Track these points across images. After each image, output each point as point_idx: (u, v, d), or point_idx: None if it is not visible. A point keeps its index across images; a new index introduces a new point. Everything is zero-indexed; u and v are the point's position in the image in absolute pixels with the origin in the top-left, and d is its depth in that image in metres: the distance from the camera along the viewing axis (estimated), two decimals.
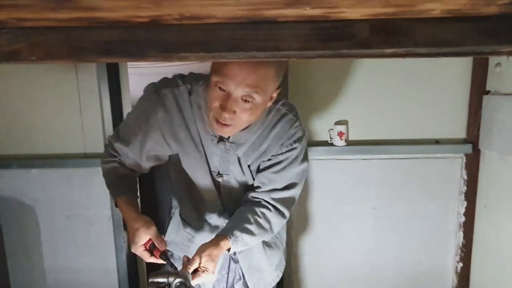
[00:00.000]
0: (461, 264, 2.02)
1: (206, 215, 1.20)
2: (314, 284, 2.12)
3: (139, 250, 0.95)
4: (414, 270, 2.08)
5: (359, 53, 0.54)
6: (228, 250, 1.01)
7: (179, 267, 0.96)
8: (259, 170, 1.12)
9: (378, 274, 2.09)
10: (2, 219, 1.89)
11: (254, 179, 1.14)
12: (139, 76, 2.57)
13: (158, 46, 0.62)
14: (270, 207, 1.09)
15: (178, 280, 0.65)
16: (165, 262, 0.93)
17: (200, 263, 0.89)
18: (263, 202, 1.09)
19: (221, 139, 1.06)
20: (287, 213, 1.12)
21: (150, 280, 0.66)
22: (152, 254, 0.95)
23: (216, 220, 1.19)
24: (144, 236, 0.95)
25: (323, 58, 0.59)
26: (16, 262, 2.10)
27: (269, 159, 1.10)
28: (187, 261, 0.91)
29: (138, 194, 1.17)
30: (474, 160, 1.90)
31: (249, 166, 1.12)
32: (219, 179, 1.12)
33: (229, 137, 1.05)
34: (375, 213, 2.03)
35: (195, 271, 0.88)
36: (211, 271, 0.91)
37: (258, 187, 1.12)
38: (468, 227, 1.98)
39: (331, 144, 1.95)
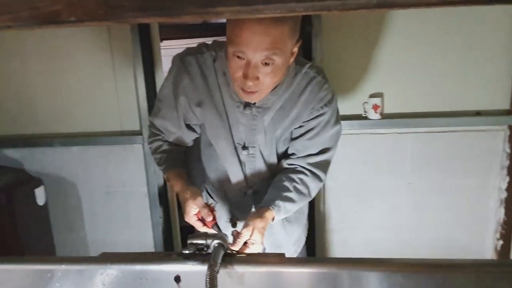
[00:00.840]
0: (501, 242, 1.95)
1: (229, 191, 1.20)
2: None
3: (192, 220, 0.97)
4: (450, 247, 2.02)
5: (405, 2, 0.51)
6: (272, 219, 1.03)
7: None
8: (292, 138, 1.12)
9: (412, 251, 2.05)
10: (47, 195, 1.99)
11: (278, 153, 1.14)
12: (171, 57, 2.60)
13: (195, 1, 0.61)
14: (306, 172, 1.09)
15: (216, 241, 0.66)
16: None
17: (249, 236, 0.92)
18: (299, 168, 1.09)
19: (247, 104, 1.05)
20: (323, 177, 1.13)
21: (189, 241, 0.67)
22: (204, 224, 0.98)
23: (238, 197, 1.19)
24: (193, 204, 0.97)
25: (365, 11, 0.56)
26: (61, 236, 2.22)
27: (300, 126, 1.09)
28: (237, 235, 0.93)
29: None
30: None
31: (277, 135, 1.11)
32: (244, 152, 1.11)
33: (255, 102, 1.05)
34: (410, 188, 1.98)
35: (244, 243, 0.91)
36: (259, 242, 0.93)
37: (292, 154, 1.12)
38: (510, 203, 1.89)
39: (365, 118, 1.90)
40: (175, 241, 2.30)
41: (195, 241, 0.67)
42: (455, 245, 2.02)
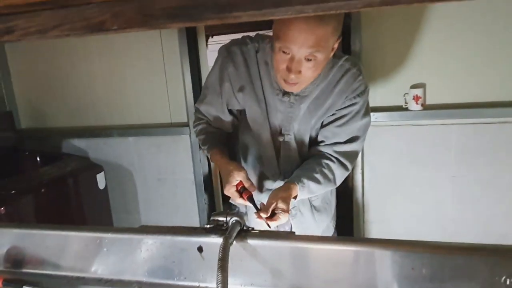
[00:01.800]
0: None
1: (261, 178, 1.28)
2: None
3: (231, 190, 1.06)
4: (498, 242, 1.93)
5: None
6: (295, 197, 1.10)
7: None
8: (322, 126, 1.18)
9: None
10: (107, 180, 2.22)
11: (309, 142, 1.20)
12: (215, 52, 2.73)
13: (214, 8, 0.71)
14: (333, 159, 1.15)
15: (234, 218, 0.74)
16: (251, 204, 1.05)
17: (275, 206, 1.00)
18: (327, 155, 1.15)
19: (286, 92, 1.12)
20: (349, 166, 1.17)
21: (211, 218, 0.76)
22: (241, 196, 1.08)
23: (271, 184, 1.26)
24: (237, 176, 1.06)
25: (370, 9, 0.61)
26: (118, 217, 2.46)
27: (333, 114, 1.15)
28: (264, 205, 1.03)
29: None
30: None
31: (311, 124, 1.17)
32: (280, 139, 1.18)
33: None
34: (454, 181, 1.92)
35: (272, 215, 1.00)
36: (286, 210, 1.01)
37: (321, 141, 1.18)
38: None
39: (406, 109, 1.88)
40: None
41: (216, 218, 0.76)
42: (503, 242, 1.93)
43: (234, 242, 0.71)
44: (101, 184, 2.13)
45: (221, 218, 0.76)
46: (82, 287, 0.79)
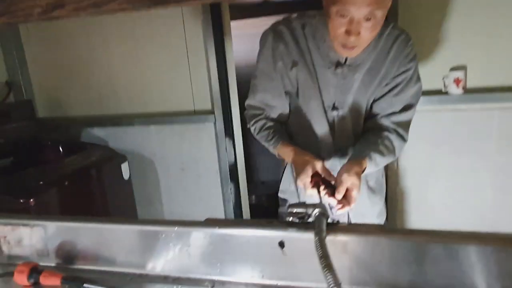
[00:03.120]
0: None
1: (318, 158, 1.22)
2: None
3: (306, 180, 0.99)
4: None
5: None
6: (363, 171, 1.05)
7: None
8: (377, 98, 1.15)
9: None
10: (130, 170, 2.16)
11: (364, 116, 1.17)
12: (239, 37, 2.63)
13: None
14: (391, 130, 1.12)
15: (317, 210, 0.67)
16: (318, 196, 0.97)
17: (349, 184, 0.94)
18: (384, 127, 1.13)
19: (338, 64, 1.08)
20: (406, 136, 1.15)
21: (289, 210, 0.69)
22: (314, 187, 0.99)
23: (326, 162, 1.20)
24: (316, 165, 0.99)
25: None
26: (143, 208, 2.40)
27: (386, 84, 1.12)
28: (336, 182, 0.96)
29: None
30: None
31: (366, 97, 1.14)
32: (334, 113, 1.14)
33: (345, 61, 1.08)
34: (495, 168, 1.85)
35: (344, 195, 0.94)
36: (358, 187, 0.96)
37: (377, 114, 1.15)
38: None
39: (446, 93, 1.79)
40: (245, 217, 2.39)
41: (296, 210, 0.69)
42: None
43: None
44: (126, 174, 2.07)
45: (301, 210, 0.69)
46: (147, 285, 0.73)
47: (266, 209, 3.10)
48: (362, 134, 1.18)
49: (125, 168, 2.05)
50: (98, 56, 2.27)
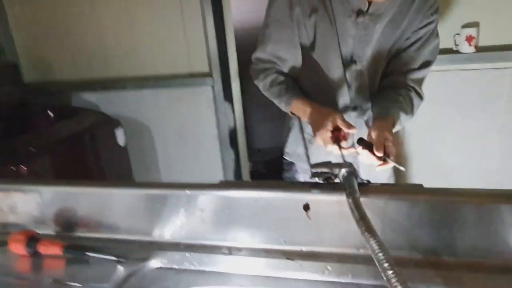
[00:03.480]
0: None
1: None
2: None
3: (326, 135, 0.91)
4: None
5: None
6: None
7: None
8: (396, 53, 1.08)
9: None
10: (125, 137, 2.07)
11: (383, 71, 1.10)
12: None
13: None
14: (410, 88, 1.07)
15: (345, 169, 0.60)
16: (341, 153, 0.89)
17: (387, 141, 0.87)
18: (403, 84, 1.07)
19: (359, 12, 0.99)
20: (423, 95, 1.10)
21: (313, 170, 0.62)
22: (335, 142, 0.92)
23: None
24: (336, 117, 0.91)
25: None
26: (139, 177, 2.32)
27: (407, 38, 1.05)
28: (371, 139, 0.88)
29: None
30: None
31: (386, 50, 1.06)
32: (352, 67, 1.06)
33: (368, 9, 0.98)
34: (504, 131, 1.80)
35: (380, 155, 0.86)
36: (392, 143, 0.88)
37: (395, 70, 1.08)
38: None
39: (457, 52, 1.71)
40: None
41: (321, 170, 0.62)
42: None
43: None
44: (121, 141, 1.98)
45: (326, 170, 0.62)
46: (157, 252, 0.67)
47: (265, 176, 3.06)
48: (379, 91, 1.11)
49: (120, 134, 1.96)
50: (86, 15, 2.12)
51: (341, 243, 0.61)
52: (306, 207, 0.61)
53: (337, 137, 0.90)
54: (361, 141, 0.92)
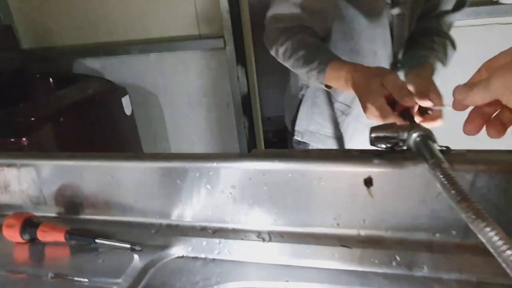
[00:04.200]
0: None
1: None
2: None
3: (380, 102, 0.65)
4: None
5: None
6: None
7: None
8: None
9: None
10: (131, 105, 1.94)
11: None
12: None
13: None
14: (443, 34, 0.94)
15: (417, 133, 0.46)
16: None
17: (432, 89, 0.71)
18: (435, 30, 0.94)
19: None
20: (456, 45, 0.97)
21: (373, 135, 0.48)
22: (394, 109, 0.68)
23: None
24: (389, 78, 0.66)
25: None
26: (147, 146, 2.22)
27: None
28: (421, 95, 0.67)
29: None
30: None
31: None
32: (395, 10, 0.88)
33: None
34: None
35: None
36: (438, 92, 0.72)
37: (428, 13, 0.95)
38: None
39: (496, 3, 1.52)
40: None
41: (383, 134, 0.49)
42: None
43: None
44: (128, 109, 1.85)
45: (392, 134, 0.48)
46: (180, 239, 0.55)
47: (276, 145, 2.94)
48: (409, 38, 0.95)
49: (126, 102, 1.83)
50: None
51: (411, 227, 0.49)
52: (369, 182, 0.48)
53: (392, 102, 0.66)
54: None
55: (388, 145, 0.49)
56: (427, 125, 0.68)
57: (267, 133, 3.11)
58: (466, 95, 0.40)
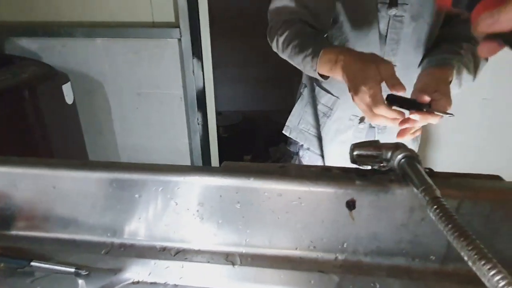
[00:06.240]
0: None
1: None
2: None
3: (374, 90, 0.63)
4: None
5: None
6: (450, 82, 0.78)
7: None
8: None
9: None
10: (74, 94, 1.77)
11: (433, 19, 0.85)
12: None
13: None
14: (473, 42, 0.83)
15: (402, 153, 0.43)
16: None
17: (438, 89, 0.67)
18: (466, 38, 0.84)
19: None
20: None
21: (355, 153, 0.45)
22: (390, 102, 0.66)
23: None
24: (385, 70, 0.65)
25: None
26: (91, 138, 2.05)
27: None
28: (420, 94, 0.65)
29: None
30: None
31: None
32: (391, 11, 0.83)
33: None
34: (486, 104, 1.75)
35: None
36: (449, 96, 0.68)
37: (455, 17, 0.87)
38: None
39: None
40: (213, 149, 2.15)
41: (365, 152, 0.46)
42: None
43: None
44: (69, 98, 1.68)
45: (374, 153, 0.45)
46: (136, 261, 0.48)
47: (226, 141, 2.87)
48: (435, 43, 0.87)
49: (67, 89, 1.66)
50: None
51: (391, 252, 0.46)
52: (351, 205, 0.45)
53: (393, 97, 0.65)
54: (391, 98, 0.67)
55: (371, 165, 0.46)
56: (421, 119, 0.66)
57: (218, 128, 3.04)
58: (498, 17, 0.36)
